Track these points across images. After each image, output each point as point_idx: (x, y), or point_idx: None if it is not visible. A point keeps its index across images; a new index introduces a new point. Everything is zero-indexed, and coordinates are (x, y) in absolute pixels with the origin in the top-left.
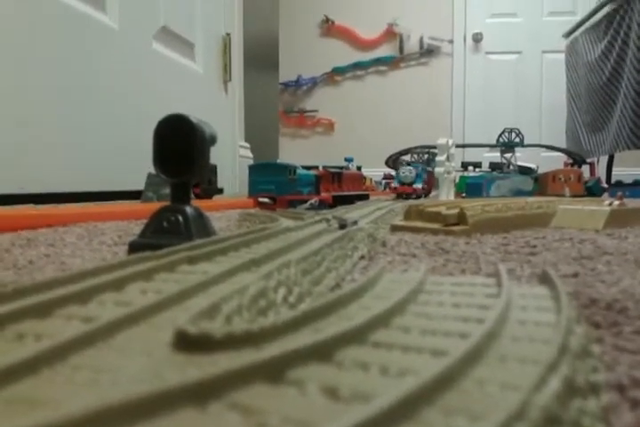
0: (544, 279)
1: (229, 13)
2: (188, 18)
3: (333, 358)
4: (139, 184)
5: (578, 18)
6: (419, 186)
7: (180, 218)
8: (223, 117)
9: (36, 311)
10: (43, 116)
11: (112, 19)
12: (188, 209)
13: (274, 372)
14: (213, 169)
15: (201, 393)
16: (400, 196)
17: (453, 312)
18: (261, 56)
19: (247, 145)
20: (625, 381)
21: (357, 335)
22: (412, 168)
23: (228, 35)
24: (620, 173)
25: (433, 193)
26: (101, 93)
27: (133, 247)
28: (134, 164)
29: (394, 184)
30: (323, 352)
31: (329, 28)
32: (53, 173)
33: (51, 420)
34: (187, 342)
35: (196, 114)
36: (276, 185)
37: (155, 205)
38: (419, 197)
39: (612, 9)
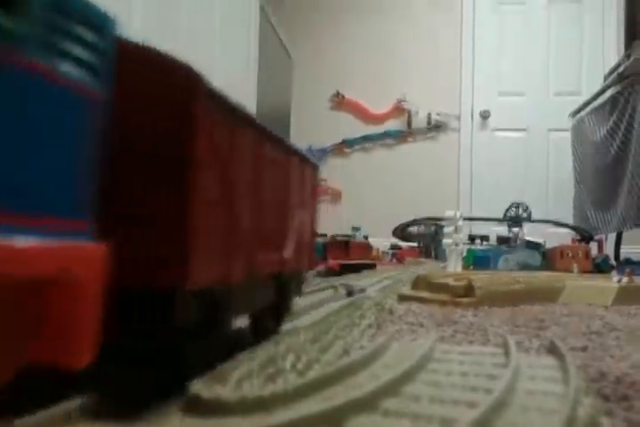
0: (552, 350)
1: (244, 84)
2: None
3: (344, 426)
4: None
5: (583, 98)
6: None
7: None
8: None
9: None
10: None
11: None
12: None
13: None
14: None
15: None
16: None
17: (462, 381)
18: (274, 126)
19: None
20: None
21: (367, 403)
22: None
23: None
24: (628, 250)
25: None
26: None
27: None
28: None
29: None
30: (333, 419)
31: (339, 101)
32: None
33: None
34: (200, 406)
35: None
36: None
37: None
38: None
39: (616, 91)
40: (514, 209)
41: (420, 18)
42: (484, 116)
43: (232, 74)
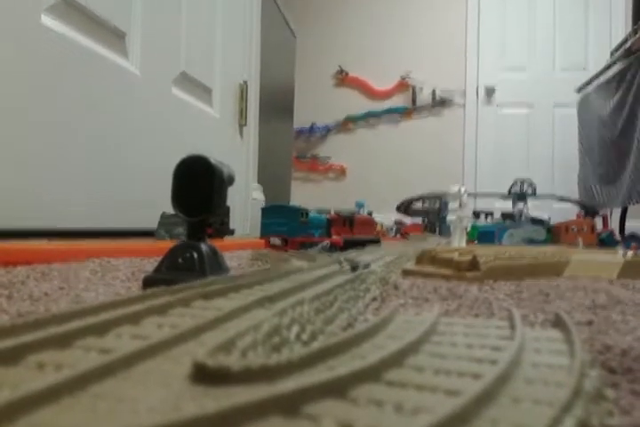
0: (557, 323)
1: (247, 62)
2: (207, 64)
3: (348, 395)
4: (152, 223)
5: (589, 73)
6: None
7: (195, 255)
8: (237, 160)
9: (55, 342)
10: (61, 157)
11: (134, 64)
12: (203, 246)
13: (289, 406)
14: (226, 210)
15: (218, 425)
16: None
17: (467, 353)
18: (277, 103)
19: (260, 188)
20: None
21: (372, 373)
22: None
23: (245, 82)
24: (633, 225)
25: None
26: (120, 135)
27: (148, 282)
28: (149, 203)
29: None
30: (337, 389)
31: (343, 78)
32: (68, 210)
33: None
34: (204, 375)
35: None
36: (287, 227)
37: (167, 244)
38: None
39: (623, 66)
40: (518, 185)
41: None
42: (489, 92)
43: (234, 51)
